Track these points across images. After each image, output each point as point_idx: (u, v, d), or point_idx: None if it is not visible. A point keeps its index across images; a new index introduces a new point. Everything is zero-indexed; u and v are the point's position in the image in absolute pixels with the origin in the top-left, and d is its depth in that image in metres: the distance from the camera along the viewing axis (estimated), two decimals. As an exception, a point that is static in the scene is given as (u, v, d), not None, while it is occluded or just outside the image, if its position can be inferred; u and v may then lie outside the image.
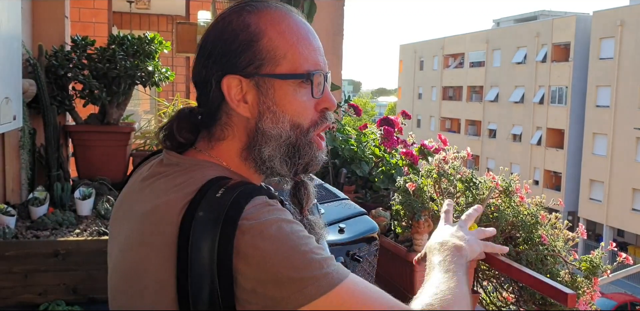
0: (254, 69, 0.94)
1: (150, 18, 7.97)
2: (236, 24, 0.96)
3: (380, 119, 2.55)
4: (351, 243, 1.14)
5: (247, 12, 0.97)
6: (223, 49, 0.95)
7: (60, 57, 3.64)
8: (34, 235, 2.88)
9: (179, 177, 0.94)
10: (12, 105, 2.86)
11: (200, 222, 0.84)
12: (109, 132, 3.88)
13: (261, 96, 0.95)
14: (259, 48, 0.94)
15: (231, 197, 0.86)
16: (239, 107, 0.96)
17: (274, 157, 0.97)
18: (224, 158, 0.99)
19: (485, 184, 1.94)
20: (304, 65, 0.97)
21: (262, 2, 0.99)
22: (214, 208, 0.85)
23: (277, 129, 0.96)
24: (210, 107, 0.98)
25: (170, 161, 1.00)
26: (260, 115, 0.96)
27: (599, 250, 1.86)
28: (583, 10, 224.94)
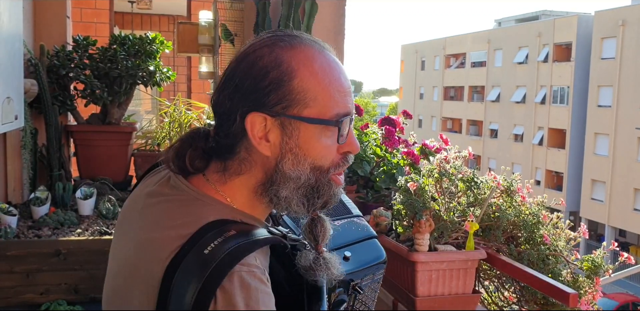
0: (281, 108, 0.92)
1: (152, 18, 7.97)
2: (268, 60, 0.92)
3: (381, 119, 2.55)
4: (355, 273, 1.11)
5: (280, 48, 0.94)
6: (252, 85, 0.92)
7: (62, 57, 3.65)
8: (36, 234, 2.88)
9: (178, 208, 0.94)
10: (13, 105, 2.86)
11: (182, 279, 0.84)
12: (111, 131, 3.88)
13: (285, 137, 0.93)
14: (289, 88, 0.92)
15: (219, 256, 0.84)
16: (260, 144, 0.93)
17: (291, 199, 0.95)
18: (234, 194, 0.97)
19: (486, 184, 1.94)
20: (334, 109, 0.94)
21: (295, 37, 0.97)
22: (199, 266, 0.84)
23: (297, 172, 0.93)
24: (231, 140, 0.95)
25: (176, 184, 0.98)
26: (281, 156, 0.93)
27: (600, 250, 1.86)
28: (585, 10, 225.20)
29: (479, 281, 2.00)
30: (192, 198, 0.95)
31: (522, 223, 1.91)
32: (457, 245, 1.88)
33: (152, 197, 0.99)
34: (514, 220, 1.92)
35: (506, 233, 1.95)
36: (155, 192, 0.99)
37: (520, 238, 1.95)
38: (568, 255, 1.91)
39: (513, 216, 1.91)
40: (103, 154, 3.84)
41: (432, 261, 1.78)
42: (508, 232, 1.96)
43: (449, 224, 1.86)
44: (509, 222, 1.91)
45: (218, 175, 0.98)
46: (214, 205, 0.95)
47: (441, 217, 1.87)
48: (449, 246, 1.85)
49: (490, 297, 2.04)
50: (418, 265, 1.77)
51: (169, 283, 0.84)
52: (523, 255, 1.88)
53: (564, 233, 1.95)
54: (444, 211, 1.89)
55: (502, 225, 1.91)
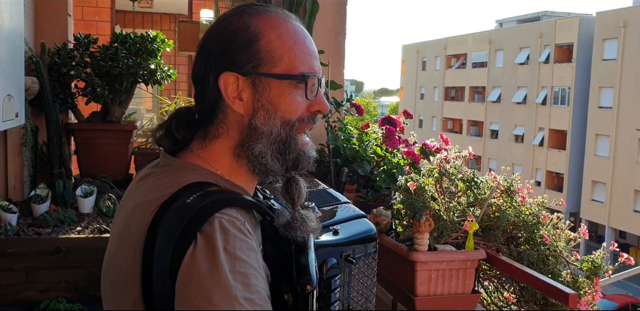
0: (251, 67, 0.98)
1: (153, 17, 7.98)
2: (236, 24, 1.00)
3: (382, 118, 2.55)
4: (345, 244, 1.12)
5: (248, 14, 1.01)
6: (222, 47, 0.99)
7: (63, 55, 3.65)
8: (36, 232, 2.88)
9: (164, 178, 0.97)
10: (14, 103, 2.86)
11: (165, 227, 0.86)
12: (111, 130, 3.88)
13: (256, 94, 0.98)
14: (257, 48, 0.98)
15: (200, 204, 0.87)
16: (235, 103, 0.99)
17: (266, 153, 0.99)
18: (216, 159, 1.02)
19: (486, 184, 1.93)
20: (300, 68, 1.00)
21: (263, 6, 1.03)
22: (180, 213, 0.87)
23: (268, 126, 0.98)
24: (207, 105, 1.01)
25: (163, 163, 1.04)
26: (254, 112, 0.99)
27: (600, 251, 1.86)
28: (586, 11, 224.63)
29: (478, 281, 1.99)
30: (176, 167, 1.00)
31: (522, 223, 1.91)
32: (457, 245, 1.88)
33: (141, 179, 1.04)
34: (514, 220, 1.92)
35: (506, 233, 1.95)
36: (144, 175, 1.05)
37: (520, 238, 1.95)
38: (568, 255, 1.91)
39: (513, 216, 1.91)
40: (103, 152, 3.84)
41: (431, 261, 1.78)
42: (508, 232, 1.96)
43: (448, 224, 1.86)
44: (509, 222, 1.91)
45: (199, 142, 1.03)
46: (198, 170, 0.99)
47: (441, 216, 1.87)
48: (448, 246, 1.85)
49: (489, 297, 2.04)
50: (417, 264, 1.77)
51: (153, 237, 0.87)
52: (523, 255, 1.88)
53: (564, 234, 1.95)
54: (443, 211, 1.89)
55: (502, 225, 1.90)
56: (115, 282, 0.94)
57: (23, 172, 3.42)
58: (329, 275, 1.06)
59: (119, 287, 0.93)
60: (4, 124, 2.76)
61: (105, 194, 3.33)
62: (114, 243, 0.99)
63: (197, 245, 0.84)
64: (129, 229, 0.94)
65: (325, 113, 1.06)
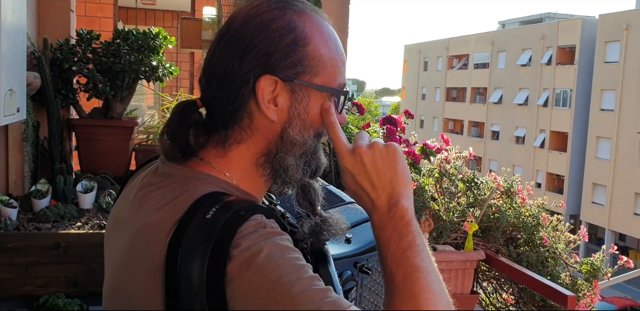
0: (294, 74, 0.90)
1: (156, 13, 7.97)
2: (282, 22, 0.90)
3: (383, 118, 2.55)
4: (359, 254, 1.08)
5: (292, 12, 0.92)
6: (266, 47, 0.89)
7: (65, 50, 3.64)
8: (36, 227, 2.88)
9: (172, 191, 0.88)
10: (15, 98, 2.86)
11: (188, 246, 0.79)
12: (112, 126, 3.88)
13: (294, 102, 0.91)
14: (304, 54, 0.90)
15: (223, 217, 0.80)
16: (269, 108, 0.90)
17: (296, 166, 0.93)
18: (231, 165, 0.93)
19: (486, 184, 1.93)
20: (338, 79, 0.94)
21: (302, 3, 0.95)
22: (204, 230, 0.79)
23: (303, 137, 0.92)
24: (234, 105, 0.91)
25: (164, 170, 0.94)
26: (289, 121, 0.91)
27: (599, 253, 1.86)
28: (589, 13, 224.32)
29: (477, 282, 1.99)
30: (184, 177, 0.91)
31: (521, 224, 1.91)
32: (456, 246, 1.88)
33: (142, 189, 0.94)
34: (514, 222, 1.92)
35: (505, 234, 1.95)
36: (144, 184, 0.95)
37: (519, 239, 1.95)
38: (567, 257, 1.91)
39: (513, 217, 1.91)
40: (104, 148, 3.84)
41: (430, 261, 1.78)
42: (507, 233, 1.96)
43: (448, 224, 1.86)
44: (508, 223, 1.91)
45: (216, 149, 0.93)
46: (209, 179, 0.91)
47: (440, 216, 1.87)
48: (447, 247, 1.85)
49: (488, 298, 2.04)
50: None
51: (174, 260, 0.79)
52: (522, 256, 1.88)
53: (564, 236, 1.95)
54: (443, 211, 1.89)
55: (502, 226, 1.90)
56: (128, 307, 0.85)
57: (24, 167, 3.42)
58: (345, 288, 1.02)
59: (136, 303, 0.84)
60: (5, 119, 2.76)
61: (105, 190, 3.33)
62: (119, 269, 0.89)
63: (236, 263, 0.77)
64: (139, 253, 0.85)
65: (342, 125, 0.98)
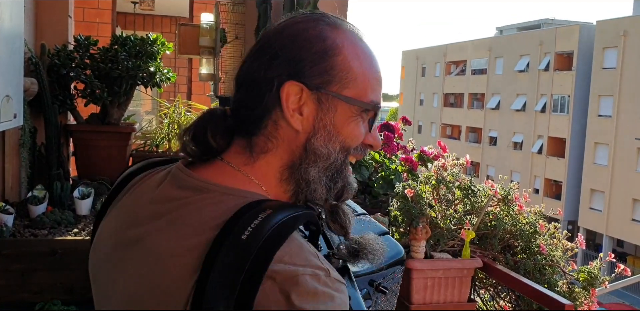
0: (321, 82, 0.86)
1: (154, 19, 7.98)
2: (313, 32, 0.87)
3: (380, 125, 2.55)
4: (375, 272, 1.02)
5: (325, 24, 0.89)
6: (293, 53, 0.86)
7: (63, 56, 3.64)
8: (32, 233, 2.87)
9: (205, 207, 0.80)
10: (12, 103, 2.86)
11: (220, 273, 0.71)
12: (110, 132, 3.88)
13: (320, 112, 0.86)
14: (332, 63, 0.86)
15: (260, 239, 0.73)
16: (293, 117, 0.85)
17: (319, 179, 0.88)
18: (266, 179, 0.87)
19: (483, 192, 1.93)
20: (370, 95, 0.90)
21: (339, 19, 0.92)
22: (237, 255, 0.72)
23: (327, 149, 0.87)
24: (258, 112, 0.87)
25: (190, 183, 0.85)
26: (314, 132, 0.86)
27: (597, 261, 1.86)
28: (587, 19, 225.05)
29: (474, 289, 1.99)
30: (220, 194, 0.83)
31: (519, 232, 1.91)
32: (453, 253, 1.88)
33: (160, 203, 0.85)
34: (511, 229, 1.92)
35: (503, 242, 1.95)
36: (162, 197, 0.86)
37: (516, 247, 1.94)
38: (565, 265, 1.91)
39: (510, 225, 1.91)
40: (102, 154, 3.83)
41: (427, 269, 1.77)
42: (505, 241, 1.95)
43: (445, 232, 1.86)
44: (505, 230, 1.91)
45: (243, 156, 0.88)
46: (250, 195, 0.83)
47: (438, 224, 1.87)
48: (445, 254, 1.84)
49: (485, 306, 2.03)
50: (414, 272, 1.76)
51: (202, 290, 0.71)
52: (519, 264, 1.87)
53: (561, 244, 1.95)
54: (440, 218, 1.89)
55: (499, 233, 1.90)
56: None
57: (20, 172, 3.41)
58: None
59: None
60: (2, 125, 2.75)
61: (102, 196, 3.32)
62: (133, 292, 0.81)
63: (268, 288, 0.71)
64: (163, 279, 0.76)
65: (376, 150, 0.96)
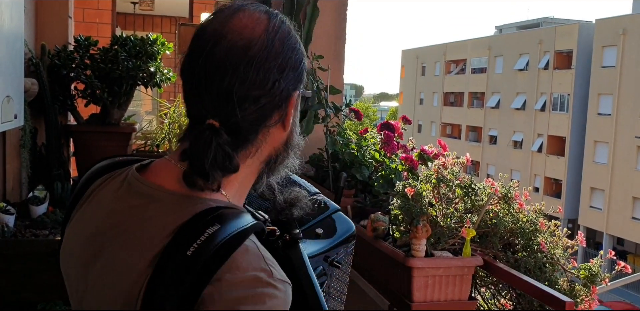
0: (302, 86, 0.95)
1: (154, 19, 7.99)
2: (294, 40, 0.92)
3: (380, 124, 2.56)
4: (329, 249, 1.09)
5: (290, 29, 0.93)
6: (292, 64, 0.90)
7: (63, 56, 3.65)
8: (33, 234, 2.88)
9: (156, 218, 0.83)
10: (13, 104, 2.86)
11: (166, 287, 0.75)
12: (110, 132, 3.88)
13: (295, 110, 0.94)
14: (304, 68, 0.95)
15: (205, 255, 0.76)
16: (289, 120, 0.93)
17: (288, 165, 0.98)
18: (230, 180, 0.89)
19: (484, 190, 1.94)
20: None
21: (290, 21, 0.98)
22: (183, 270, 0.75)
23: (297, 139, 0.97)
24: (265, 124, 0.89)
25: (142, 191, 0.88)
26: (292, 128, 0.95)
27: (597, 259, 1.86)
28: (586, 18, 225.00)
29: (475, 287, 1.99)
30: (172, 203, 0.85)
31: (519, 230, 1.91)
32: (454, 251, 1.88)
33: (114, 214, 0.88)
34: (511, 227, 1.92)
35: (503, 240, 1.95)
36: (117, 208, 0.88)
37: (517, 245, 1.95)
38: (565, 263, 1.91)
39: (510, 223, 1.91)
40: (102, 154, 3.80)
41: (428, 267, 1.78)
42: (505, 239, 1.96)
43: (445, 230, 1.86)
44: (506, 228, 1.91)
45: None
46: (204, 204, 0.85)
47: (438, 222, 1.87)
48: (445, 252, 1.85)
49: (486, 304, 2.04)
50: (414, 270, 1.77)
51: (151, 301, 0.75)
52: (520, 262, 1.88)
53: (562, 241, 1.95)
54: (441, 217, 1.89)
55: (499, 232, 1.91)
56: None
57: (21, 173, 3.42)
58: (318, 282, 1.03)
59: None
60: (2, 125, 2.76)
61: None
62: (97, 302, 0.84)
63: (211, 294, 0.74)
64: (120, 291, 0.80)
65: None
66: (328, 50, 3.05)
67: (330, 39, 3.10)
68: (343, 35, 3.20)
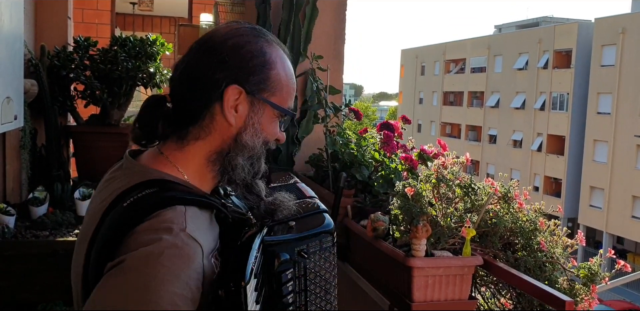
0: (257, 89, 1.09)
1: (153, 20, 7.98)
2: (255, 46, 1.10)
3: (380, 124, 2.56)
4: (298, 240, 1.16)
5: (263, 41, 1.12)
6: (239, 62, 1.08)
7: (63, 57, 3.65)
8: (33, 234, 2.88)
9: (119, 183, 1.05)
10: (13, 105, 2.87)
11: (101, 231, 0.96)
12: (110, 133, 3.88)
13: (251, 112, 1.09)
14: (267, 75, 1.10)
15: (136, 207, 0.96)
16: (230, 113, 1.07)
17: (243, 166, 1.10)
18: (187, 162, 1.09)
19: (484, 190, 1.94)
20: (287, 103, 1.15)
21: (274, 38, 1.16)
22: (115, 217, 0.96)
23: (253, 142, 1.10)
24: (198, 105, 1.08)
25: (126, 165, 1.11)
26: (244, 127, 1.09)
27: (597, 258, 1.86)
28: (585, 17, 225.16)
29: (475, 287, 2.00)
30: (134, 172, 1.07)
31: (519, 229, 1.91)
32: (454, 251, 1.88)
33: (105, 181, 1.13)
34: (511, 227, 1.92)
35: (503, 239, 1.96)
36: (107, 178, 1.13)
37: (517, 244, 1.95)
38: (565, 262, 1.91)
39: (510, 222, 1.92)
40: (102, 155, 3.84)
41: (428, 267, 1.78)
42: (505, 239, 1.96)
43: (445, 230, 1.87)
44: (506, 228, 1.91)
45: (175, 143, 1.10)
46: (155, 174, 1.06)
47: (438, 222, 1.88)
48: (445, 252, 1.85)
49: (486, 303, 2.04)
50: (414, 270, 1.77)
51: (94, 240, 0.97)
52: (520, 261, 1.88)
53: (561, 240, 1.95)
54: (441, 217, 1.89)
55: (499, 231, 1.91)
56: (74, 281, 1.06)
57: (21, 174, 3.42)
58: (279, 269, 1.09)
59: (75, 285, 1.06)
60: (2, 127, 2.76)
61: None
62: (76, 245, 1.10)
63: (120, 253, 0.90)
64: (86, 232, 1.03)
65: (280, 143, 1.21)
66: (327, 50, 3.05)
67: (329, 39, 3.10)
68: (342, 35, 3.19)
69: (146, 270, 0.86)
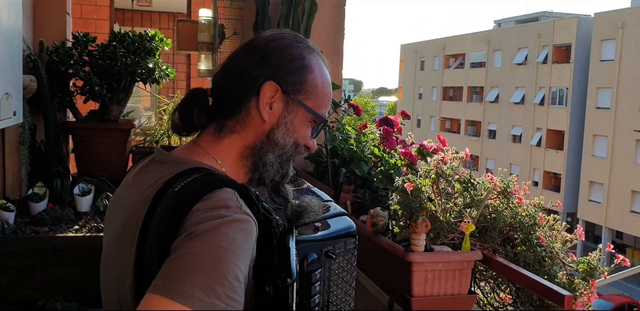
0: (293, 90, 1.12)
1: (152, 15, 7.96)
2: (296, 51, 1.15)
3: (379, 119, 2.55)
4: (325, 240, 1.19)
5: (305, 47, 1.17)
6: (280, 61, 1.12)
7: (62, 53, 3.64)
8: (33, 230, 2.88)
9: (161, 172, 1.06)
10: (12, 101, 2.86)
11: (156, 216, 0.95)
12: (109, 128, 3.88)
13: (285, 112, 1.12)
14: (305, 78, 1.14)
15: (188, 190, 0.97)
16: (264, 109, 1.10)
17: (273, 163, 1.12)
18: (224, 155, 1.12)
19: (483, 185, 1.94)
20: (322, 110, 1.18)
21: (316, 47, 1.21)
22: (169, 199, 0.96)
23: (285, 141, 1.12)
24: (237, 98, 1.11)
25: (160, 158, 1.13)
26: (276, 125, 1.12)
27: (596, 252, 1.87)
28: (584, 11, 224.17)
29: (474, 282, 2.00)
30: (175, 163, 1.08)
31: (518, 224, 1.92)
32: (454, 246, 1.89)
33: (138, 175, 1.13)
34: (511, 222, 1.92)
35: (502, 234, 1.96)
36: (140, 171, 1.14)
37: (516, 239, 1.95)
38: (564, 256, 1.92)
39: (509, 217, 1.92)
40: (101, 151, 3.84)
41: (428, 262, 1.78)
42: (504, 233, 1.96)
43: (445, 225, 1.87)
44: (505, 223, 1.92)
45: (212, 136, 1.13)
46: (196, 163, 1.07)
47: (438, 217, 1.88)
48: (445, 247, 1.85)
49: (485, 298, 2.05)
50: (414, 265, 1.77)
51: (147, 227, 0.95)
52: (519, 256, 1.89)
53: (561, 235, 1.96)
54: (440, 212, 1.90)
55: (499, 226, 1.91)
56: (117, 273, 1.01)
57: (21, 170, 3.42)
58: (309, 269, 1.11)
59: (120, 277, 1.00)
60: (1, 122, 2.76)
61: (102, 193, 3.33)
62: (115, 237, 1.06)
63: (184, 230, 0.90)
64: (130, 223, 1.00)
65: (311, 153, 1.22)
66: (327, 46, 3.05)
67: (329, 34, 3.09)
68: (342, 30, 3.19)
69: (218, 234, 0.89)
